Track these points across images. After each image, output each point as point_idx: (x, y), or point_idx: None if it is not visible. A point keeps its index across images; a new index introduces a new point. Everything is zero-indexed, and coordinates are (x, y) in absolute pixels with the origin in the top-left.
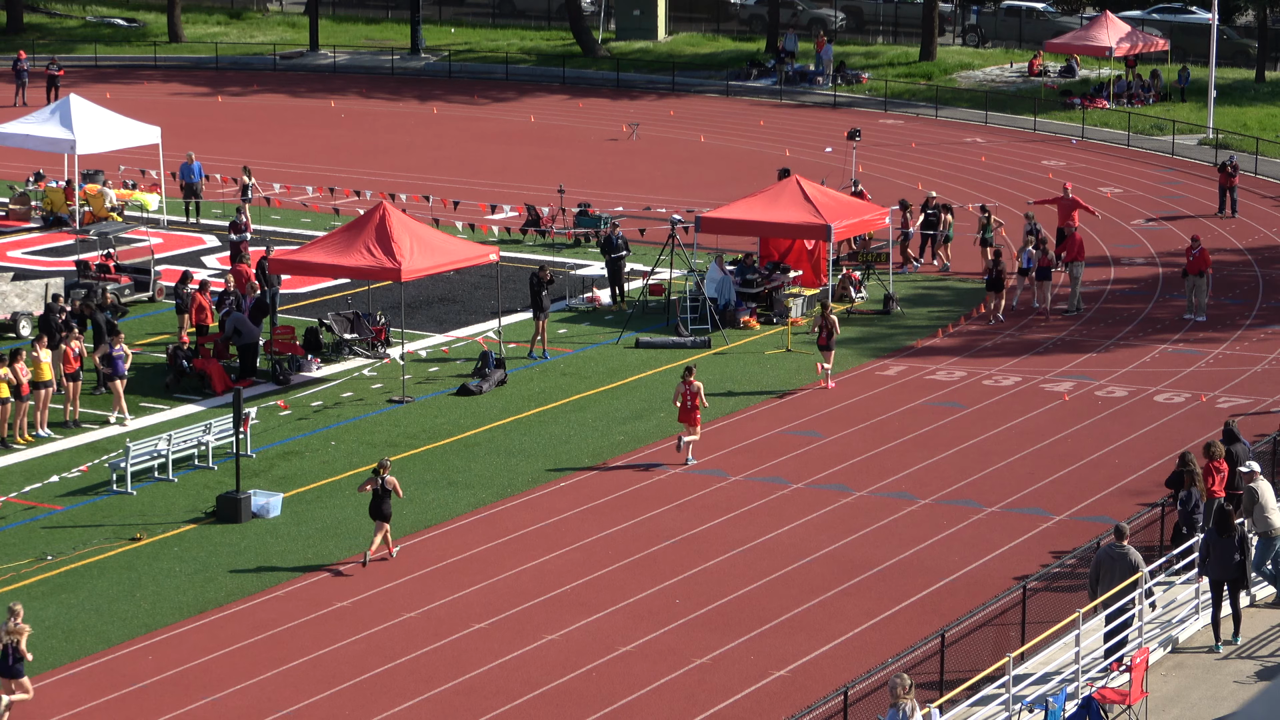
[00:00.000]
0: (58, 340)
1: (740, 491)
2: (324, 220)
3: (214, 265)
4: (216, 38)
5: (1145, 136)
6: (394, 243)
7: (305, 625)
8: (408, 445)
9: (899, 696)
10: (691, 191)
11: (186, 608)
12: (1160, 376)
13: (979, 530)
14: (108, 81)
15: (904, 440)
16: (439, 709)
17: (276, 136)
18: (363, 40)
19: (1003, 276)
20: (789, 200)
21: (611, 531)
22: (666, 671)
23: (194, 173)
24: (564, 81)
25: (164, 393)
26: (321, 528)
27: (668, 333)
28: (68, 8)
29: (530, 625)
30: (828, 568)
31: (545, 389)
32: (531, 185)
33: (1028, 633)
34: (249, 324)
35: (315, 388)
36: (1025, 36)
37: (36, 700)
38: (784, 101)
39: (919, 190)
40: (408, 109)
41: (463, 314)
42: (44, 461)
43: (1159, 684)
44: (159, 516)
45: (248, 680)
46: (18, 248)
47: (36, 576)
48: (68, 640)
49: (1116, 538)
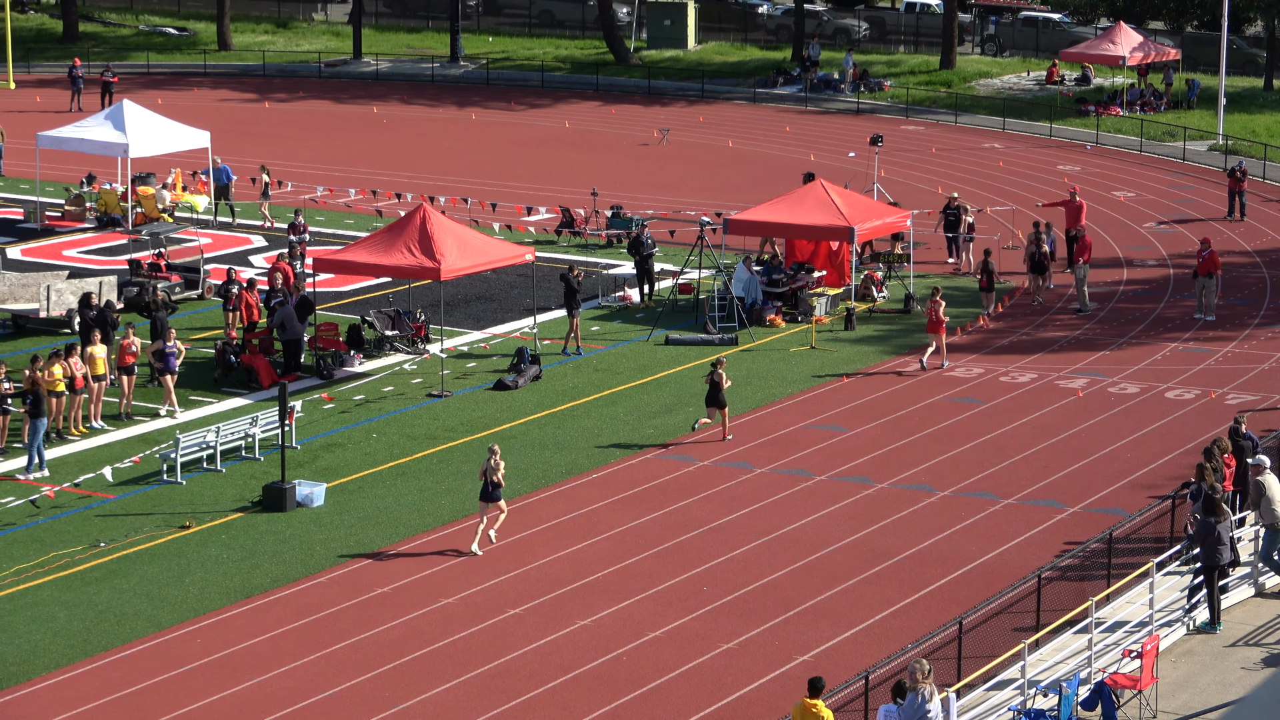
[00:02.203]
0: (111, 336)
1: (766, 483)
2: (367, 221)
3: (261, 264)
4: (264, 46)
5: (1157, 143)
6: (434, 243)
7: (347, 610)
8: (446, 438)
9: (918, 681)
10: (720, 194)
11: (233, 593)
12: (1171, 374)
13: (995, 521)
14: (159, 88)
15: (923, 434)
16: (475, 691)
17: (321, 141)
18: (404, 49)
19: (994, 276)
20: (814, 203)
21: (642, 521)
22: (694, 656)
23: (224, 175)
24: (597, 89)
25: (212, 387)
26: (363, 517)
27: (696, 330)
28: (121, 17)
29: (563, 611)
30: (850, 557)
31: (578, 384)
32: (566, 188)
33: (1042, 620)
34: (294, 320)
35: (357, 382)
36: (1042, 46)
37: (87, 681)
38: (809, 108)
39: (939, 194)
40: (447, 115)
41: (499, 312)
42: (97, 452)
43: (1168, 670)
44: (207, 505)
45: (291, 663)
46: (73, 247)
47: (90, 562)
48: (119, 624)
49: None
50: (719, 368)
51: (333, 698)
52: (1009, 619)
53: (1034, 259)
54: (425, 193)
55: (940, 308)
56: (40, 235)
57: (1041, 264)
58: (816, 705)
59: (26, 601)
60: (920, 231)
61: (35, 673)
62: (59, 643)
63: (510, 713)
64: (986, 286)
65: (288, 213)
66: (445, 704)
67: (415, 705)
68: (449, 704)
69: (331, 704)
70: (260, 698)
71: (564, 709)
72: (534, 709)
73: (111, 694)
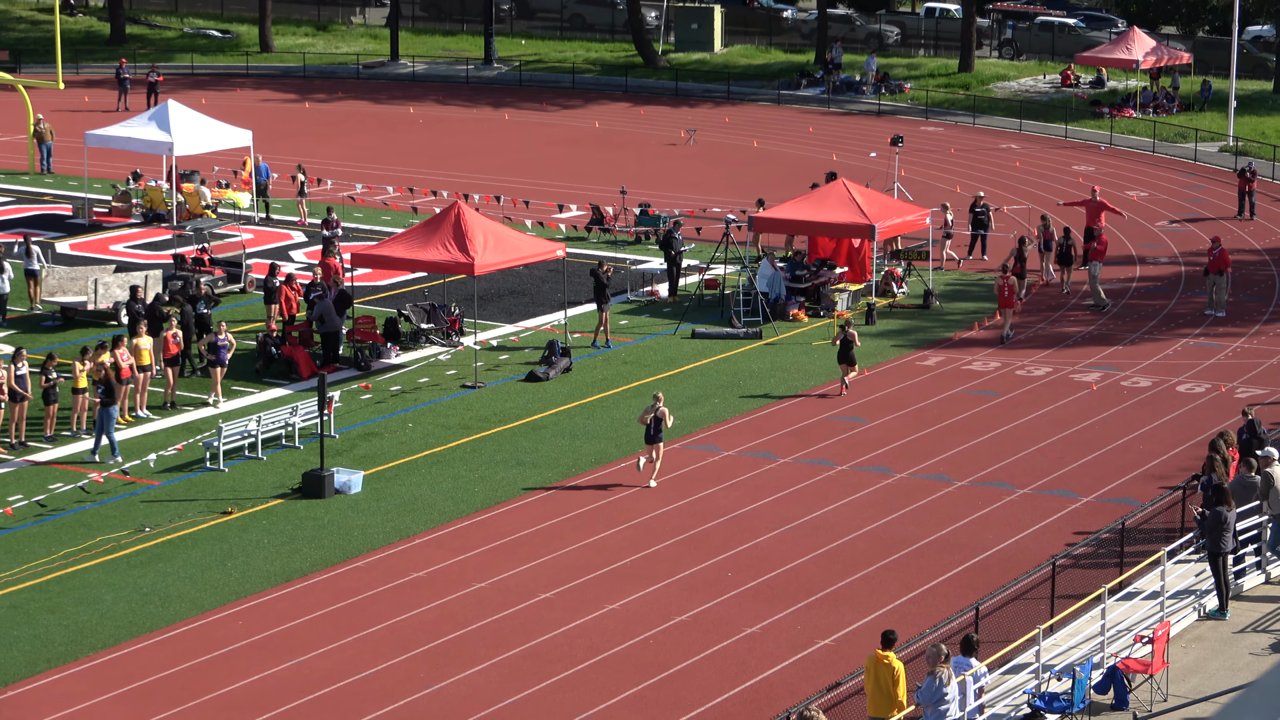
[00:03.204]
0: (159, 328)
1: (789, 472)
2: (403, 218)
3: (301, 259)
4: (304, 48)
5: (1169, 144)
6: (468, 239)
7: (383, 594)
8: (479, 428)
9: (935, 665)
10: (745, 193)
11: (273, 577)
12: (1182, 368)
13: (1011, 510)
14: (203, 88)
15: (942, 426)
16: (507, 672)
17: (359, 140)
18: (440, 51)
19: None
20: (836, 201)
21: (668, 509)
22: (719, 640)
23: (262, 173)
24: (626, 90)
25: (254, 377)
26: (399, 503)
27: (722, 324)
28: (167, 20)
29: (592, 596)
30: (870, 544)
31: (607, 376)
32: (596, 186)
33: (1056, 606)
34: (333, 313)
35: (394, 373)
36: (1057, 50)
37: (133, 661)
38: (831, 109)
39: (957, 193)
40: (481, 115)
41: (531, 306)
42: (143, 440)
43: (1179, 655)
44: (249, 492)
45: (330, 645)
46: (119, 242)
47: (135, 547)
48: (164, 606)
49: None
50: (849, 327)
51: (369, 678)
52: (1024, 605)
53: (1060, 251)
54: (460, 190)
55: (1012, 283)
56: (88, 230)
57: (1068, 255)
58: (889, 656)
59: (74, 584)
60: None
61: (82, 653)
62: (106, 624)
63: (541, 694)
64: (1019, 274)
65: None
66: (478, 685)
67: (449, 686)
68: (481, 685)
69: (368, 684)
70: (299, 678)
71: (593, 690)
72: (564, 690)
73: (156, 674)
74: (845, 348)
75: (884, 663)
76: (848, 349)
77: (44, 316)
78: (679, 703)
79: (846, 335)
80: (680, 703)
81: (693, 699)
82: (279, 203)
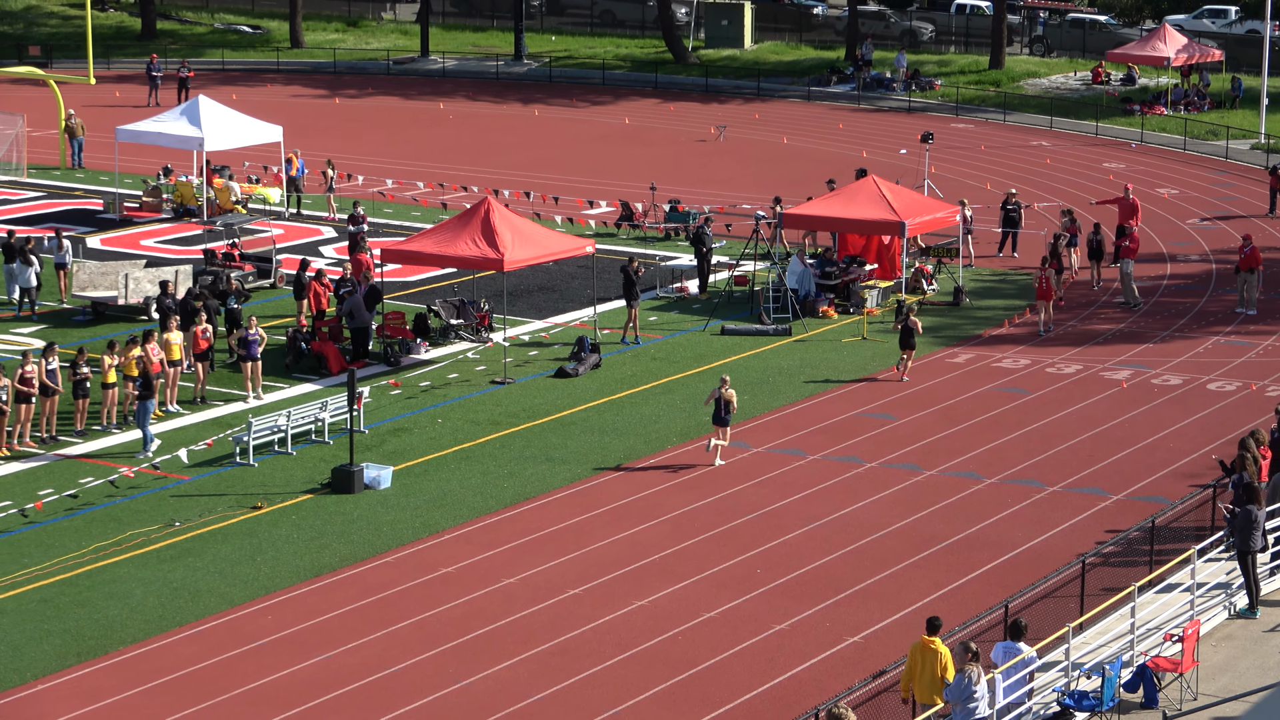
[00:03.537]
0: (189, 323)
1: (818, 469)
2: (433, 214)
3: (331, 255)
4: (335, 44)
5: (1201, 141)
6: (497, 235)
7: (412, 589)
8: (509, 423)
9: (965, 663)
10: (775, 189)
11: (303, 572)
12: (1213, 366)
13: (1041, 508)
14: (233, 84)
15: (972, 423)
16: (535, 668)
17: (389, 136)
18: (470, 47)
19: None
20: (866, 198)
21: (697, 505)
22: (747, 636)
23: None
24: (656, 86)
25: (284, 372)
26: (428, 499)
27: (751, 321)
28: (198, 15)
29: (621, 592)
30: (899, 542)
31: (637, 372)
32: (626, 182)
33: (1086, 604)
34: (363, 309)
35: (423, 369)
36: (1088, 47)
37: (162, 655)
38: (862, 106)
39: (988, 190)
40: (511, 111)
41: (560, 302)
42: (173, 435)
43: (1209, 654)
44: (278, 487)
45: (358, 640)
46: (150, 237)
47: (165, 541)
48: (193, 601)
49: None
50: (912, 314)
51: (398, 674)
52: (1054, 603)
53: (1091, 246)
54: (490, 186)
55: (1052, 276)
56: (119, 225)
57: (1099, 250)
58: (934, 642)
59: (105, 578)
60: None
61: (112, 647)
62: (135, 618)
63: (569, 690)
64: (1057, 269)
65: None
66: (506, 680)
67: (477, 682)
68: (510, 681)
69: (397, 679)
70: (328, 673)
71: (621, 686)
72: (592, 686)
73: (185, 668)
74: (907, 334)
75: (930, 649)
76: (909, 335)
77: (74, 311)
78: (708, 699)
79: (909, 321)
80: (709, 699)
81: (721, 696)
82: (309, 198)
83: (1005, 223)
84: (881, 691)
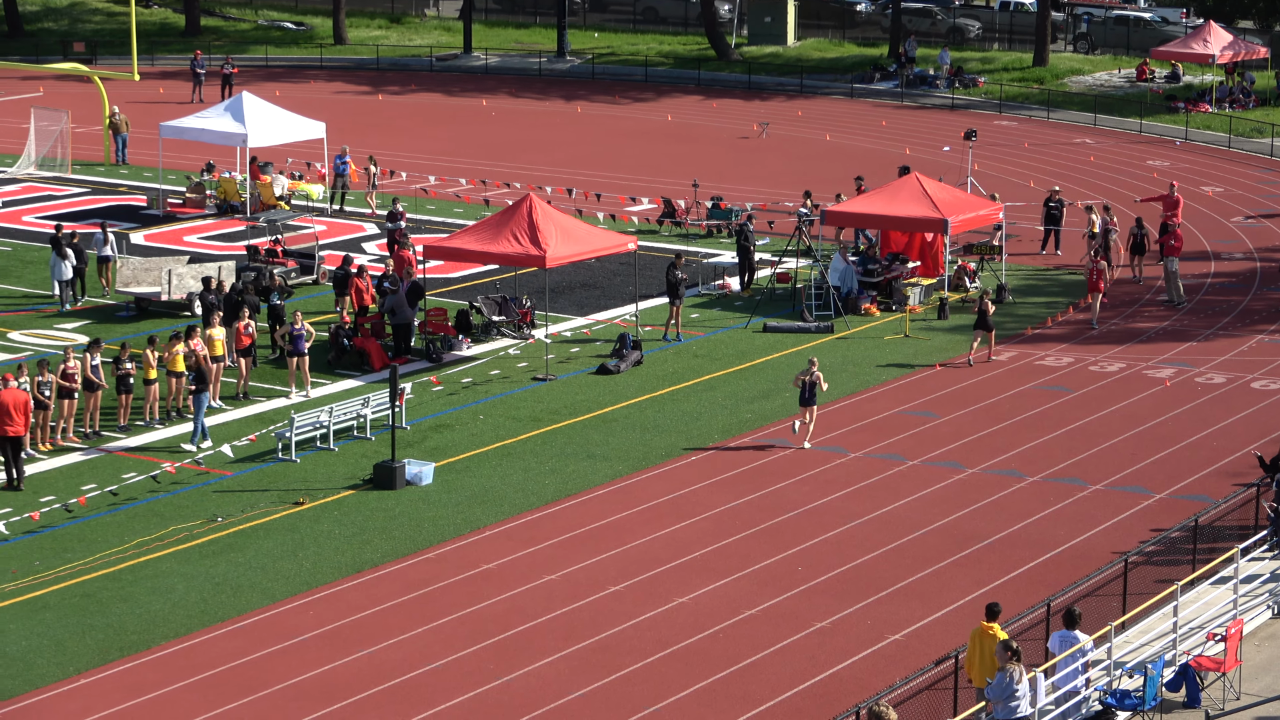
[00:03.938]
0: (232, 319)
1: (859, 467)
2: (475, 210)
3: (373, 251)
4: (378, 40)
5: (1245, 139)
6: (539, 232)
7: (454, 585)
8: (550, 420)
9: (1006, 661)
10: (818, 187)
11: (345, 567)
12: (1257, 364)
13: (1083, 507)
14: (277, 80)
15: (1014, 421)
16: (576, 665)
17: (432, 132)
18: (513, 44)
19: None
20: (909, 196)
21: (739, 503)
22: (789, 634)
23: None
24: (699, 83)
25: (326, 369)
26: (470, 495)
27: (794, 318)
28: (241, 12)
29: (662, 589)
30: (940, 540)
31: (678, 369)
32: (668, 179)
33: (1128, 604)
34: (405, 305)
35: (465, 365)
36: (1133, 44)
37: (205, 650)
38: (905, 103)
39: (1030, 187)
40: (554, 108)
41: (602, 299)
42: (215, 430)
43: (1252, 653)
44: (320, 483)
45: (400, 635)
46: (193, 233)
47: (207, 536)
48: (235, 596)
49: None
50: (985, 297)
51: (439, 669)
52: (1096, 602)
53: (1134, 241)
54: (532, 183)
55: (1101, 268)
56: (162, 221)
57: (1141, 245)
58: (994, 628)
59: (147, 573)
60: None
61: (155, 641)
62: (178, 613)
63: (610, 686)
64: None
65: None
66: (547, 677)
67: (518, 678)
68: (551, 677)
69: (438, 675)
70: (369, 669)
71: (662, 683)
72: (633, 683)
73: (228, 663)
74: (982, 316)
75: (989, 634)
76: (984, 317)
77: (118, 307)
78: (748, 697)
79: (983, 305)
80: (750, 697)
81: (762, 693)
82: (352, 195)
83: (1047, 220)
84: (921, 691)
